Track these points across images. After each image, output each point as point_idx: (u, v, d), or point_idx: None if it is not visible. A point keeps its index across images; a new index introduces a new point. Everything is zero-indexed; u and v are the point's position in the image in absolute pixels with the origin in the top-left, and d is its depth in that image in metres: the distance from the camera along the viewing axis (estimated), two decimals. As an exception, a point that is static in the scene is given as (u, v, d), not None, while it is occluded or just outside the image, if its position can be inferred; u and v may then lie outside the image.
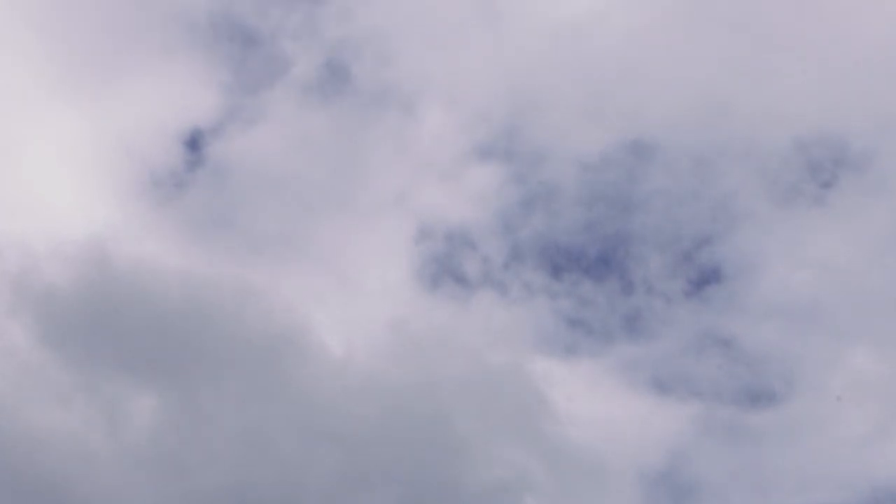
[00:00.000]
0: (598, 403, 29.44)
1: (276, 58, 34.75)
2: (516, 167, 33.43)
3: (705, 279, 31.60)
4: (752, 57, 33.56)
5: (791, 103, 32.86)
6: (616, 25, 34.02)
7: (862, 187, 32.22)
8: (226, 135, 34.09)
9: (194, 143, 33.91)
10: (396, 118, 34.37)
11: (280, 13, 35.03)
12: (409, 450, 26.59)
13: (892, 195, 31.69)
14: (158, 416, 26.60)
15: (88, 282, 28.43)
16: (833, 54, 33.50)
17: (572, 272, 31.86)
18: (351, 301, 31.15)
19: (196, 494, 24.64)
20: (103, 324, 28.09)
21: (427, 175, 33.68)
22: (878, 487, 26.75)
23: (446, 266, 32.14)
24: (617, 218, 32.59)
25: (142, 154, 33.65)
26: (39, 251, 28.48)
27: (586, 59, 33.84)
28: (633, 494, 27.06)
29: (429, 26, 35.24)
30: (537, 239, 32.40)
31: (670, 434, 28.98)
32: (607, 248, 32.23)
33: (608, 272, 31.91)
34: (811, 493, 27.12)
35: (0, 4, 34.17)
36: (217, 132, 34.11)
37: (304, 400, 27.33)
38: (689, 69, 33.46)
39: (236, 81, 34.74)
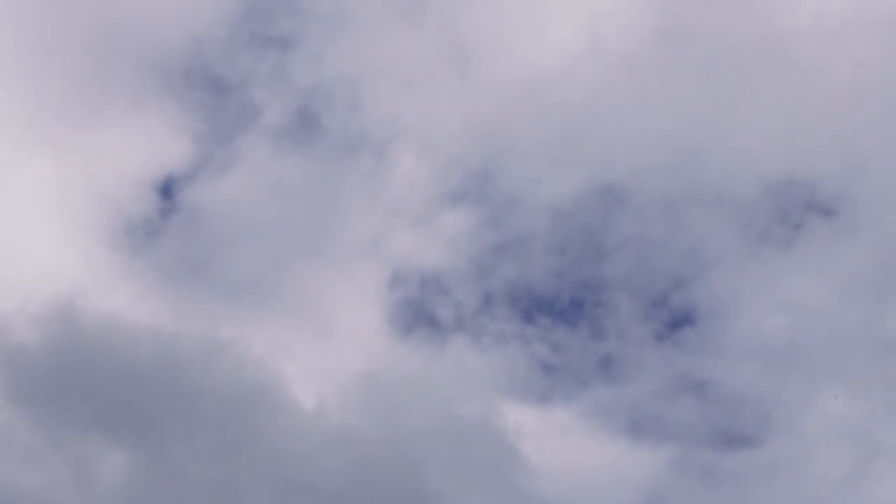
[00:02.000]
0: (572, 450, 29.48)
1: (248, 105, 34.83)
2: (489, 213, 33.54)
3: (679, 322, 31.72)
4: (721, 103, 33.78)
5: (760, 148, 33.08)
6: (586, 72, 34.21)
7: (832, 230, 32.44)
8: (198, 182, 34.10)
9: (167, 190, 33.93)
10: (368, 164, 34.45)
11: (250, 61, 35.12)
12: (380, 503, 26.56)
13: (861, 238, 31.89)
14: (129, 472, 26.50)
15: (57, 339, 28.33)
16: (801, 100, 33.75)
17: (545, 317, 31.95)
18: (323, 350, 31.15)
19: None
20: (73, 381, 27.99)
21: (400, 221, 33.75)
22: (854, 530, 26.92)
23: (419, 312, 32.20)
24: (589, 263, 32.70)
25: (114, 202, 33.61)
26: (6, 309, 28.35)
27: (557, 106, 33.98)
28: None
29: (399, 72, 35.38)
30: (510, 284, 32.48)
31: (646, 478, 29.02)
32: (580, 293, 32.34)
33: (582, 317, 32.01)
34: (788, 535, 27.29)
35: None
36: (190, 179, 34.15)
37: (276, 454, 27.25)
38: (659, 116, 33.64)
39: (208, 129, 34.80)
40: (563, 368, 31.06)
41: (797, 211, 32.80)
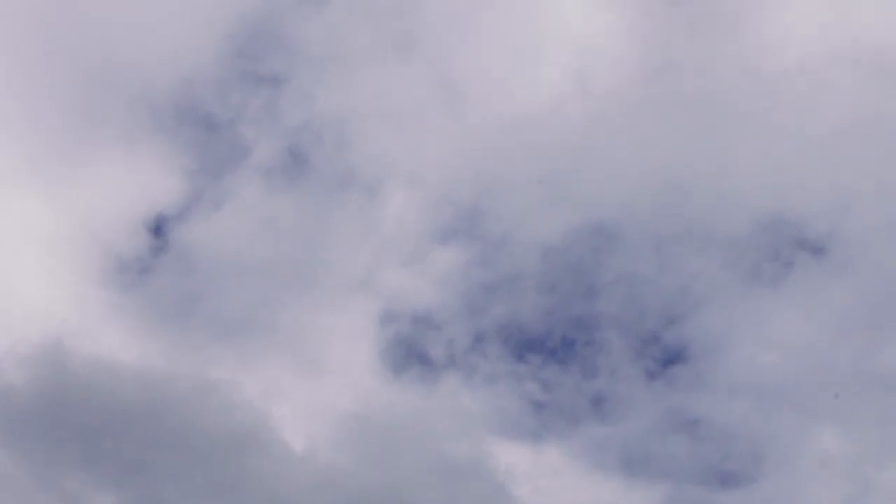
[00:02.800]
0: (564, 490, 29.33)
1: (239, 143, 34.91)
2: (479, 250, 33.55)
3: (670, 360, 31.69)
4: (710, 141, 33.97)
5: (749, 186, 33.23)
6: (576, 110, 34.37)
7: (822, 268, 32.52)
8: (189, 220, 34.09)
9: (158, 228, 33.89)
10: (359, 201, 34.49)
11: (241, 98, 35.25)
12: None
13: (851, 275, 32.00)
14: (119, 513, 26.38)
15: (46, 380, 28.19)
16: (790, 138, 33.96)
17: (537, 355, 31.89)
18: (314, 390, 31.00)
19: None
20: (62, 421, 27.84)
21: (390, 258, 33.75)
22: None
23: (410, 350, 32.12)
24: (580, 301, 32.69)
25: (104, 241, 33.56)
26: (-4, 350, 28.28)
27: (547, 143, 34.11)
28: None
29: (389, 110, 35.50)
30: (501, 322, 32.43)
31: (640, 517, 28.95)
32: (571, 331, 32.30)
33: (573, 355, 31.96)
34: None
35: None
36: (180, 217, 34.12)
37: (266, 496, 27.08)
38: (649, 154, 33.80)
39: (200, 166, 34.83)
40: (555, 407, 30.98)
41: (787, 248, 32.91)
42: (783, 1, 34.95)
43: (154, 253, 33.62)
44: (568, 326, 32.35)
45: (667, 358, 31.60)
